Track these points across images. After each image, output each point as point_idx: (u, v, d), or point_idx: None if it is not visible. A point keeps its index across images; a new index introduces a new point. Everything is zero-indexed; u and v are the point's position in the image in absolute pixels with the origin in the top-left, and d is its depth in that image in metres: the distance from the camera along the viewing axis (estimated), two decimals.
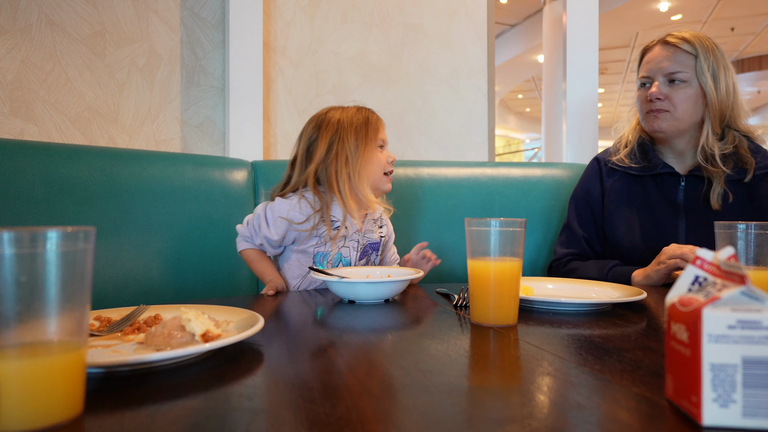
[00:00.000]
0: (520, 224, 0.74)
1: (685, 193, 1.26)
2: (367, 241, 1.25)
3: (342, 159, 1.18)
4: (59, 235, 0.38)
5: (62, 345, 0.39)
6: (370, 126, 1.23)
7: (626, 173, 1.34)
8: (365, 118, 1.24)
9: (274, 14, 1.83)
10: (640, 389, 0.46)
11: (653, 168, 1.30)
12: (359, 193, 1.18)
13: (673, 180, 1.28)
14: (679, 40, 1.24)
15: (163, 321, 0.61)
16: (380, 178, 1.24)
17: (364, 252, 1.25)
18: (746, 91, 10.90)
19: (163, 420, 0.41)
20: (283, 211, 1.17)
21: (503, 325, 0.73)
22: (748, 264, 0.76)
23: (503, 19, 7.27)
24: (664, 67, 1.24)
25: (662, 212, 1.27)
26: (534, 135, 14.22)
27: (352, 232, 1.21)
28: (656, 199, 1.29)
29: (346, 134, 1.20)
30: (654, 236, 1.26)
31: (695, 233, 1.23)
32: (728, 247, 0.42)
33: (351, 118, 1.23)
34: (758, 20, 7.42)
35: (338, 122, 1.22)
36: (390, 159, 1.26)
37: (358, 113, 1.24)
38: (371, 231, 1.26)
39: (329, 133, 1.20)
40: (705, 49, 1.23)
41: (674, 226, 1.26)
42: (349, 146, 1.19)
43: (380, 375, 0.52)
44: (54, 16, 1.49)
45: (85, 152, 1.26)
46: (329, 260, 1.19)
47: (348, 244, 1.21)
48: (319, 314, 0.86)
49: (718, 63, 1.23)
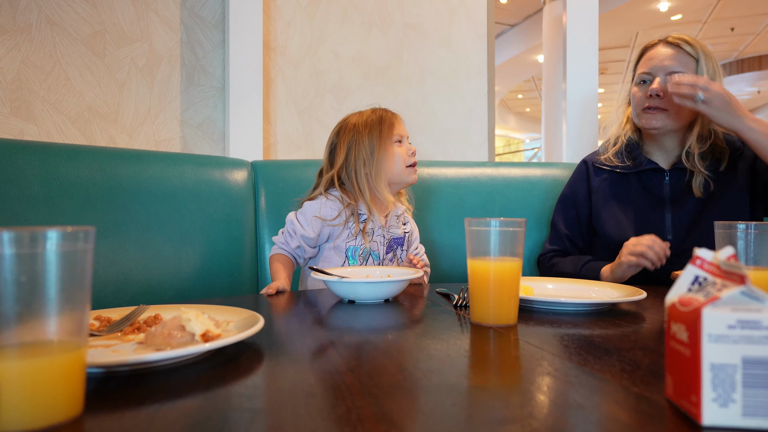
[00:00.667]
0: (520, 224, 0.74)
1: (671, 186, 1.30)
2: (391, 236, 1.29)
3: (360, 161, 1.24)
4: (59, 235, 0.38)
5: (62, 345, 0.39)
6: (384, 124, 1.26)
7: (613, 172, 1.38)
8: (378, 118, 1.28)
9: (274, 14, 1.83)
10: (640, 389, 0.46)
11: (638, 166, 1.34)
12: (378, 194, 1.24)
13: (657, 176, 1.32)
14: (682, 42, 1.27)
15: (163, 321, 0.61)
16: (402, 171, 1.27)
17: (390, 247, 1.29)
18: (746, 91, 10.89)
19: (163, 420, 0.41)
20: (315, 210, 1.23)
21: (503, 325, 0.73)
22: (748, 264, 0.76)
23: (503, 19, 7.27)
24: (667, 65, 1.26)
25: (648, 206, 1.31)
26: (534, 135, 14.22)
27: (377, 227, 1.27)
28: (642, 195, 1.33)
29: (360, 137, 1.25)
30: (641, 230, 1.29)
31: (680, 223, 1.28)
32: (728, 247, 0.42)
33: (366, 120, 1.28)
34: (758, 20, 7.42)
35: (354, 126, 1.27)
36: (410, 151, 1.29)
37: (372, 114, 1.29)
38: (395, 227, 1.31)
39: (347, 138, 1.26)
40: (705, 54, 1.26)
41: (661, 218, 1.29)
42: (364, 148, 1.24)
43: (380, 375, 0.52)
44: (54, 16, 1.49)
45: (85, 152, 1.26)
46: (360, 254, 1.24)
47: (375, 239, 1.27)
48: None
49: (716, 70, 1.26)
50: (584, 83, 2.14)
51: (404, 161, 1.27)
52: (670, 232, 1.28)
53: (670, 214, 1.29)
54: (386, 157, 1.24)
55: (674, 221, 1.28)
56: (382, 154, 1.24)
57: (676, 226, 1.28)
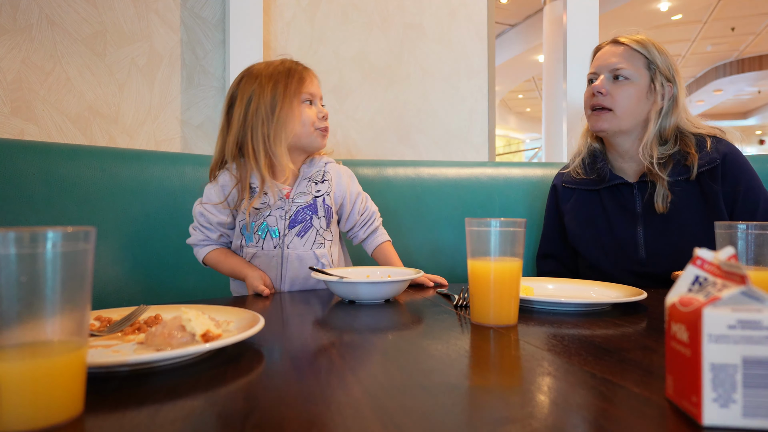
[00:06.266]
0: (520, 224, 0.74)
1: (641, 200, 1.24)
2: (296, 207, 1.12)
3: (258, 119, 1.06)
4: (60, 235, 0.38)
5: (63, 345, 0.39)
6: (291, 78, 1.08)
7: (582, 190, 1.33)
8: (286, 70, 1.10)
9: (274, 14, 1.83)
10: (640, 389, 0.46)
11: (604, 180, 1.29)
12: (274, 158, 1.07)
13: (627, 189, 1.26)
14: (629, 40, 1.24)
15: (164, 321, 0.61)
16: (309, 134, 1.11)
17: (296, 220, 1.12)
18: (747, 91, 10.89)
19: (163, 420, 0.41)
20: (212, 196, 1.12)
21: (503, 325, 0.73)
22: (749, 264, 0.76)
23: (503, 19, 7.27)
24: (611, 63, 1.23)
25: (621, 223, 1.26)
26: (534, 135, 14.22)
27: (276, 199, 1.10)
28: (614, 212, 1.27)
29: (262, 90, 1.07)
30: (615, 247, 1.26)
31: (652, 240, 1.22)
32: (728, 247, 0.42)
33: (271, 71, 1.09)
34: (758, 20, 7.42)
35: (257, 77, 1.08)
36: (321, 114, 1.12)
37: (280, 65, 1.11)
38: (304, 194, 1.13)
39: (248, 90, 1.08)
40: (658, 50, 1.22)
41: (633, 235, 1.24)
42: (265, 104, 1.06)
43: (380, 375, 0.52)
44: (54, 16, 1.49)
45: (86, 152, 1.26)
46: (255, 231, 1.11)
47: (274, 213, 1.11)
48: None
49: (670, 66, 1.22)
50: (584, 83, 2.13)
51: (313, 123, 1.10)
52: (643, 249, 1.22)
53: (642, 230, 1.23)
54: (290, 117, 1.07)
55: (645, 237, 1.23)
56: (286, 112, 1.06)
57: (648, 243, 1.22)
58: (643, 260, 1.22)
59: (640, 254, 1.23)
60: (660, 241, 1.21)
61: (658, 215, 1.21)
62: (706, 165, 1.18)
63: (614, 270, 1.26)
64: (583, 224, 1.32)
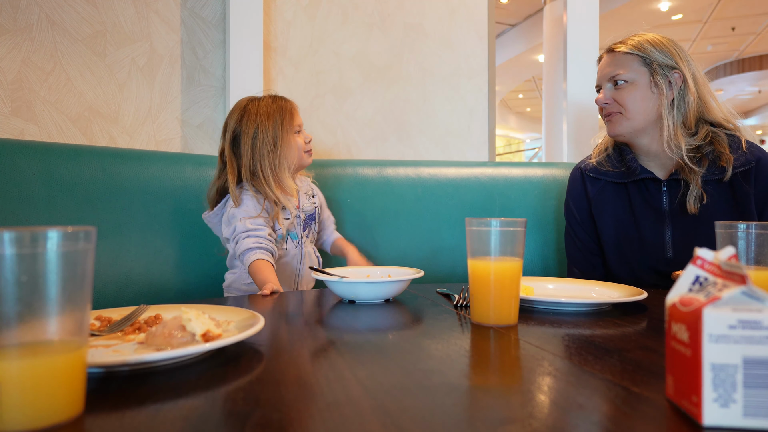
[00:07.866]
0: (520, 224, 0.74)
1: (669, 198, 1.22)
2: (306, 215, 1.37)
3: (265, 151, 1.27)
4: (60, 235, 0.38)
5: (63, 345, 0.39)
6: (285, 115, 1.30)
7: (609, 182, 1.31)
8: (279, 108, 1.31)
9: (274, 14, 1.83)
10: (641, 389, 0.46)
11: (633, 173, 1.26)
12: (281, 183, 1.29)
13: (655, 186, 1.24)
14: (620, 45, 1.24)
15: (164, 321, 0.61)
16: (301, 157, 1.33)
17: (305, 224, 1.36)
18: (747, 91, 10.89)
19: (163, 420, 0.41)
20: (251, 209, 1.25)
21: (503, 325, 0.73)
22: (749, 264, 0.76)
23: (504, 19, 7.27)
24: (608, 72, 1.25)
25: (648, 221, 1.24)
26: (534, 135, 14.21)
27: (293, 210, 1.32)
28: (641, 207, 1.25)
29: (264, 127, 1.28)
30: (642, 247, 1.24)
31: (681, 240, 1.20)
32: (729, 247, 0.42)
33: (267, 109, 1.30)
34: (759, 20, 7.42)
35: (257, 116, 1.29)
36: (307, 139, 1.35)
37: (273, 104, 1.31)
38: (308, 204, 1.38)
39: (251, 127, 1.28)
40: (652, 44, 1.21)
41: (661, 235, 1.22)
42: (268, 139, 1.27)
43: (380, 375, 0.52)
44: (54, 16, 1.49)
45: (86, 152, 1.26)
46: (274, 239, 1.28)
47: (294, 221, 1.33)
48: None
49: (674, 55, 1.20)
50: (585, 83, 2.14)
51: (302, 149, 1.33)
52: (670, 249, 1.21)
53: (670, 231, 1.21)
54: (288, 148, 1.29)
55: (674, 239, 1.20)
56: (285, 144, 1.28)
57: (676, 243, 1.20)
58: (670, 260, 1.21)
59: (668, 254, 1.21)
60: (690, 241, 1.19)
61: (688, 215, 1.19)
62: (741, 166, 1.16)
63: (639, 268, 1.25)
64: (610, 218, 1.29)
